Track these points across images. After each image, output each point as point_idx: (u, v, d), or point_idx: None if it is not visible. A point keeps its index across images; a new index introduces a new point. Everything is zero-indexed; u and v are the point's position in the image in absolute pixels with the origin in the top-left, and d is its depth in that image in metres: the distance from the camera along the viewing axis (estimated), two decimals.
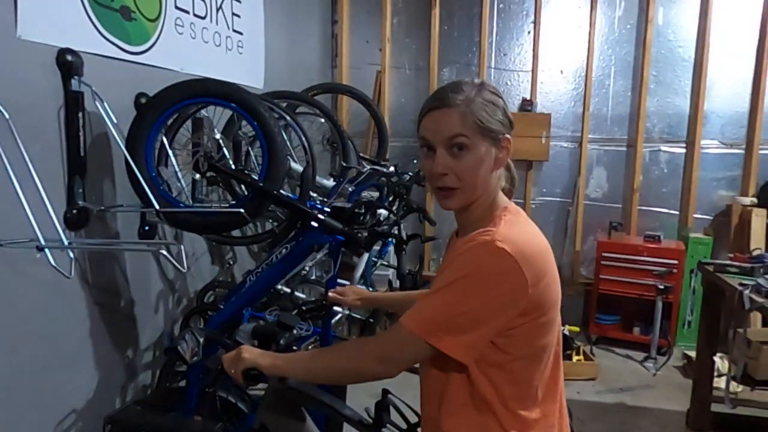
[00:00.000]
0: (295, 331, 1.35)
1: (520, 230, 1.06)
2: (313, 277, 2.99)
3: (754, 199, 3.89)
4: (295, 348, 1.51)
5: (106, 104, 1.85)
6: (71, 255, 1.49)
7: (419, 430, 1.18)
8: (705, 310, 2.94)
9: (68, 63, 1.80)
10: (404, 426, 1.17)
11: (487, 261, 1.00)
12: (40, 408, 1.82)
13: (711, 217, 4.14)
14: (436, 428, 1.13)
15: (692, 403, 2.96)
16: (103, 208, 1.98)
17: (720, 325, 2.93)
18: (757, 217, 3.76)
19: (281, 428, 1.26)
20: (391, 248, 3.19)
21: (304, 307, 1.66)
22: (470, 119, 1.05)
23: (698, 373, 2.96)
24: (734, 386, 2.84)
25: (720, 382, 2.93)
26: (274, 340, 1.30)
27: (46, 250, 1.44)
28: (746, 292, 2.35)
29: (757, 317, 3.46)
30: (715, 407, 2.88)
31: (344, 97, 4.40)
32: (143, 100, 2.13)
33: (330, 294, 1.72)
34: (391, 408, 1.19)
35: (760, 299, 2.30)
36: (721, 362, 3.18)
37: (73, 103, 1.82)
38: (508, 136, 1.09)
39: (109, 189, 2.07)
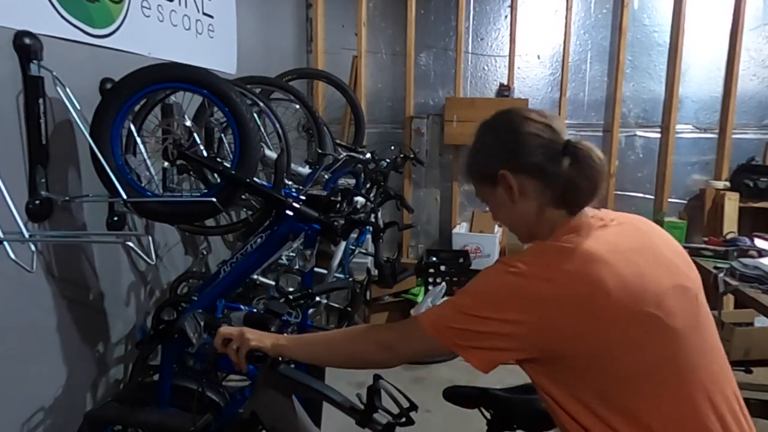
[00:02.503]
0: (284, 318, 1.38)
1: (556, 245, 1.02)
2: (297, 267, 2.95)
3: (727, 183, 3.95)
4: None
5: (68, 90, 1.77)
6: (32, 248, 1.42)
7: (412, 414, 1.15)
8: None
9: (26, 46, 1.71)
10: (396, 411, 1.15)
11: (497, 278, 1.01)
12: (5, 405, 1.76)
13: (685, 201, 4.19)
14: None
15: None
16: (67, 198, 1.90)
17: None
18: (730, 200, 3.81)
19: (272, 416, 1.25)
20: (369, 236, 3.15)
21: (291, 296, 1.67)
22: (468, 180, 1.17)
23: None
24: None
25: None
26: (266, 327, 1.32)
27: (5, 243, 1.37)
28: (721, 275, 2.38)
29: (729, 299, 3.51)
30: None
31: (320, 83, 4.32)
32: (108, 86, 2.05)
33: None
34: (383, 393, 1.17)
35: (734, 282, 2.33)
36: None
37: (33, 88, 1.73)
38: (502, 171, 1.08)
39: (74, 178, 1.99)
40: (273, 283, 2.61)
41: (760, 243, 2.69)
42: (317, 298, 1.66)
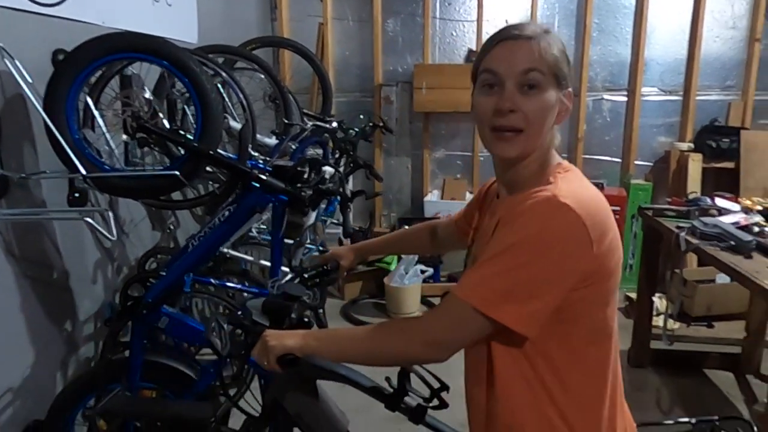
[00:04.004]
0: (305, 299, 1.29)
1: (578, 185, 0.97)
2: (263, 238, 2.93)
3: (691, 144, 4.02)
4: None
5: (18, 62, 1.70)
6: None
7: (443, 394, 1.13)
8: (645, 253, 3.06)
9: None
10: (427, 394, 1.12)
11: (551, 219, 0.90)
12: None
13: (651, 164, 4.27)
14: (486, 413, 1.06)
15: (633, 341, 3.10)
16: (24, 175, 1.84)
17: (659, 267, 3.06)
18: (694, 161, 3.89)
19: (297, 403, 1.20)
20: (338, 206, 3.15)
21: (306, 275, 1.55)
22: (546, 57, 0.95)
23: (638, 313, 3.10)
24: (671, 324, 2.99)
25: (658, 321, 3.08)
26: (287, 314, 1.22)
27: None
28: (682, 234, 2.44)
29: (692, 258, 3.63)
30: (654, 344, 3.04)
31: (285, 52, 4.23)
32: (61, 57, 1.97)
33: (328, 254, 1.60)
34: (413, 375, 1.13)
35: (695, 241, 2.39)
36: (659, 302, 3.33)
37: None
38: (570, 89, 1.02)
39: (30, 155, 1.93)
40: (244, 256, 2.59)
41: (720, 202, 2.76)
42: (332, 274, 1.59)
